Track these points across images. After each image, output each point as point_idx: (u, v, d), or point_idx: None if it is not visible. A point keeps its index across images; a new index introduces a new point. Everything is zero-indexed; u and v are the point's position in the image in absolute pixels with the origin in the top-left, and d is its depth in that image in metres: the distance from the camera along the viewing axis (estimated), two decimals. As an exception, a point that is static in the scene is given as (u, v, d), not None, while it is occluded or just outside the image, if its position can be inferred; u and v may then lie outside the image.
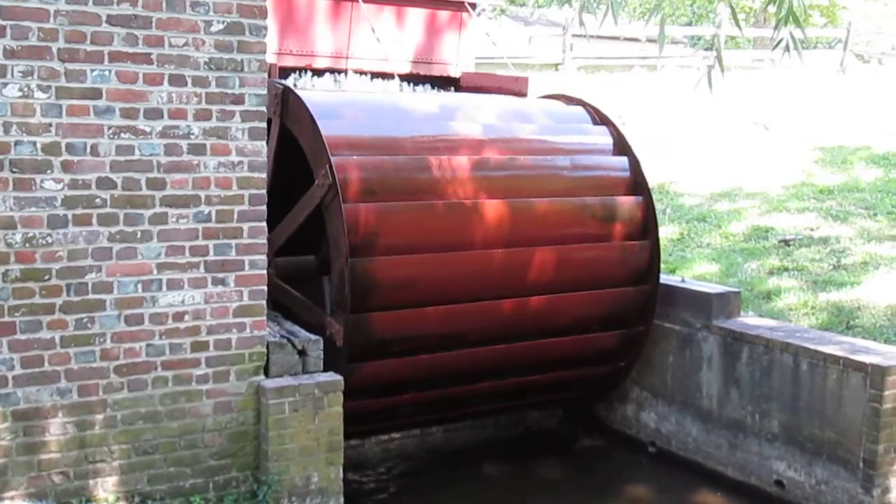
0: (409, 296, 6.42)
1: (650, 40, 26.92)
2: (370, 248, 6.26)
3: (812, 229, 9.44)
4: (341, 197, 6.07)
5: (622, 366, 7.69)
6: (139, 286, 5.16)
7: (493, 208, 6.77)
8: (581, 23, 5.20)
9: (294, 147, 6.52)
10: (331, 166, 6.09)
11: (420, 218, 6.54)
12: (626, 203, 7.43)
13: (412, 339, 6.60)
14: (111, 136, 4.99)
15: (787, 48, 5.37)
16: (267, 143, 5.51)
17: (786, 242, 9.10)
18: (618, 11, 5.00)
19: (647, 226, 7.43)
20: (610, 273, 7.28)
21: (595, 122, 7.86)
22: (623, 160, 7.58)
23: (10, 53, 4.72)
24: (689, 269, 8.67)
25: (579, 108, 8.01)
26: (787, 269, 8.47)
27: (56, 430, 5.04)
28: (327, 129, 6.29)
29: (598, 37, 26.01)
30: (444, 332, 6.67)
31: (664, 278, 7.67)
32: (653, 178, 10.43)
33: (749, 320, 7.30)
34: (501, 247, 6.77)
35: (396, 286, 6.37)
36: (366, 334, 6.26)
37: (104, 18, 4.91)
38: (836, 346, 6.56)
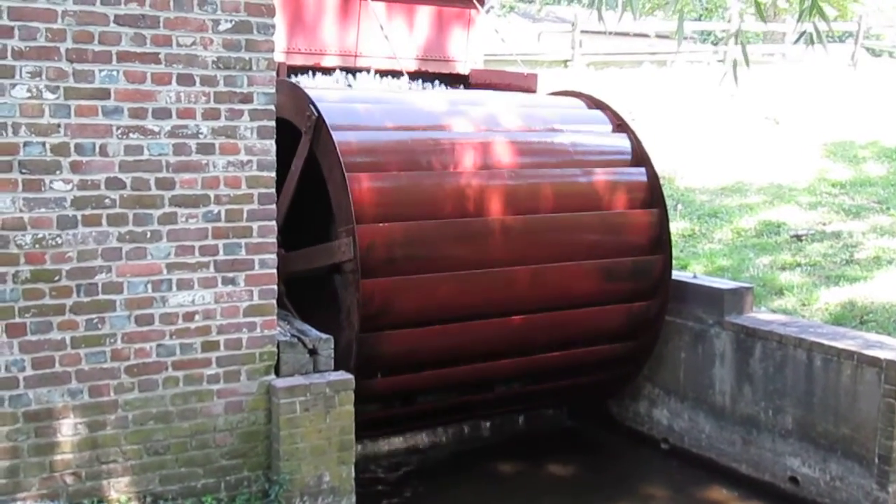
0: (423, 313, 6.40)
1: (659, 36, 26.85)
2: (384, 269, 6.20)
3: (824, 224, 9.38)
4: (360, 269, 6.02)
5: (627, 372, 7.70)
6: (149, 286, 5.16)
7: (506, 223, 6.70)
8: (600, 18, 5.15)
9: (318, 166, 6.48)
10: (355, 241, 6.03)
11: (423, 184, 6.47)
12: (641, 215, 7.35)
13: (427, 352, 6.60)
14: (120, 136, 4.99)
15: (810, 41, 5.31)
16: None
17: (797, 237, 9.05)
18: (636, 7, 4.95)
19: (660, 239, 7.37)
20: (623, 287, 7.22)
21: (615, 129, 7.72)
22: (640, 170, 7.47)
23: (19, 54, 4.72)
24: (701, 265, 8.62)
25: (599, 113, 7.85)
26: (799, 265, 8.43)
27: (67, 430, 5.04)
28: (355, 182, 6.17)
29: (608, 33, 25.96)
30: (457, 346, 6.68)
31: (676, 274, 7.62)
32: (663, 174, 10.40)
33: (762, 316, 7.26)
34: (515, 261, 6.68)
35: (410, 308, 6.34)
36: (378, 349, 6.27)
37: (112, 18, 4.90)
38: (849, 341, 6.51)
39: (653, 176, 7.46)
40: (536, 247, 6.79)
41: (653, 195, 7.42)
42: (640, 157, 7.52)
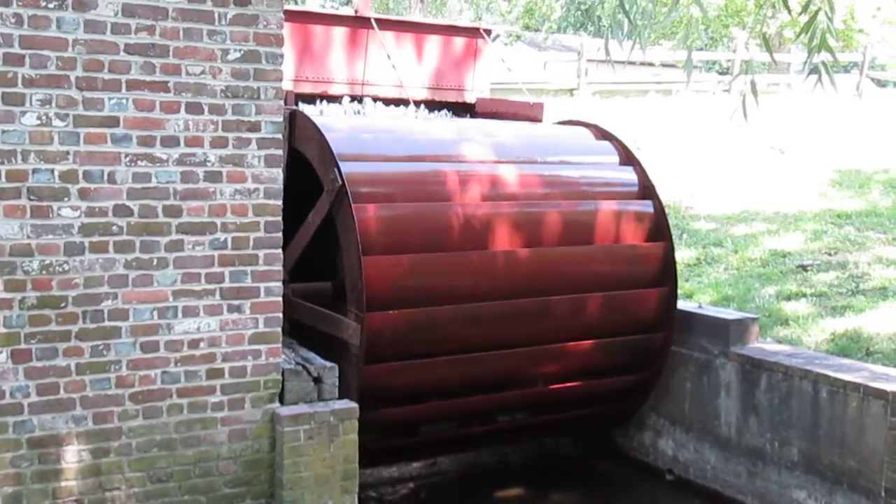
0: (424, 345, 6.38)
1: (665, 65, 26.98)
2: (385, 299, 6.17)
3: (830, 254, 9.37)
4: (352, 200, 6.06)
5: (631, 405, 7.68)
6: (155, 313, 5.17)
7: (511, 255, 6.71)
8: (607, 53, 5.19)
9: (299, 162, 6.50)
10: (339, 169, 6.08)
11: (441, 266, 6.48)
12: (647, 249, 7.36)
13: (427, 383, 6.59)
14: (128, 163, 5.02)
15: (817, 73, 5.33)
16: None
17: (803, 267, 9.03)
18: (644, 41, 4.99)
19: (665, 272, 7.36)
20: (626, 320, 7.21)
21: (622, 161, 7.72)
22: (647, 203, 7.47)
23: (29, 82, 4.76)
24: (706, 295, 8.61)
25: (606, 144, 7.85)
26: (804, 295, 8.41)
27: (71, 457, 5.03)
28: (347, 167, 6.25)
29: (614, 61, 26.14)
30: (461, 378, 6.66)
31: (681, 304, 7.61)
32: (668, 202, 10.42)
33: (767, 347, 7.24)
34: (520, 294, 6.67)
35: (413, 335, 6.34)
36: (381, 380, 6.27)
37: (122, 47, 4.95)
38: (855, 372, 6.48)
39: (659, 208, 7.47)
40: (542, 279, 6.78)
41: (659, 228, 7.42)
42: (646, 189, 7.53)
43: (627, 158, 7.74)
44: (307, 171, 6.47)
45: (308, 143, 6.49)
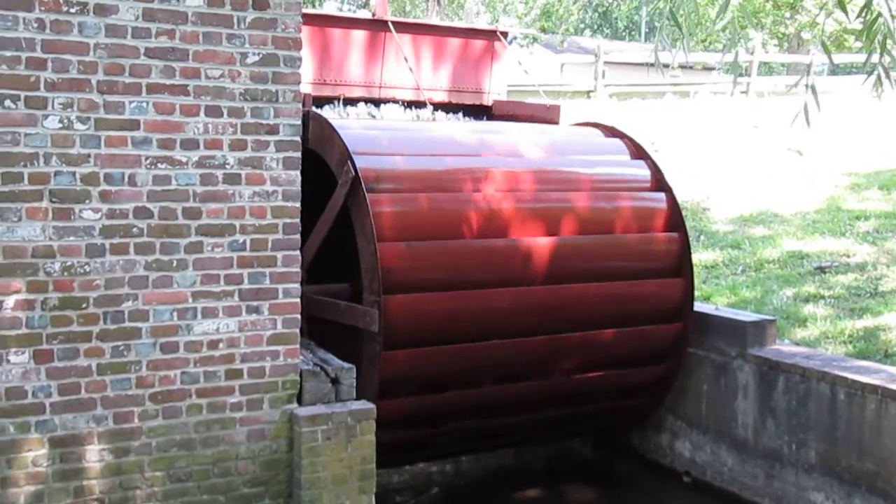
0: (443, 333, 6.41)
1: (682, 67, 26.85)
2: (402, 285, 6.24)
3: (848, 255, 9.33)
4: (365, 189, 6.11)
5: (651, 400, 7.65)
6: (175, 314, 5.22)
7: (528, 245, 6.77)
8: (657, 60, 5.19)
9: (310, 158, 6.54)
10: (352, 162, 6.14)
11: (455, 255, 6.54)
12: (662, 240, 7.40)
13: (445, 374, 6.60)
14: (148, 166, 5.07)
15: (878, 78, 5.29)
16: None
17: (821, 269, 9.00)
18: (688, 48, 4.99)
19: (682, 263, 7.39)
20: (643, 311, 7.24)
21: (633, 156, 7.80)
22: (660, 195, 7.53)
23: (51, 86, 4.82)
24: (724, 296, 8.60)
25: (617, 141, 7.96)
26: (822, 297, 8.38)
27: (92, 456, 5.08)
28: (362, 161, 6.33)
29: (631, 63, 26.02)
30: (476, 368, 6.68)
31: (698, 306, 7.62)
32: (686, 204, 10.40)
33: (785, 349, 7.22)
34: (536, 284, 6.75)
35: (431, 323, 6.37)
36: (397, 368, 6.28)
37: (142, 51, 5.00)
38: (873, 375, 6.47)
39: (672, 200, 7.53)
40: (558, 268, 6.82)
41: (673, 219, 7.48)
42: (659, 182, 7.60)
43: (638, 153, 7.80)
44: (322, 172, 6.50)
45: (323, 143, 6.52)
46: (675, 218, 7.48)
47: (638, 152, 7.82)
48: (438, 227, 6.52)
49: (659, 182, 7.60)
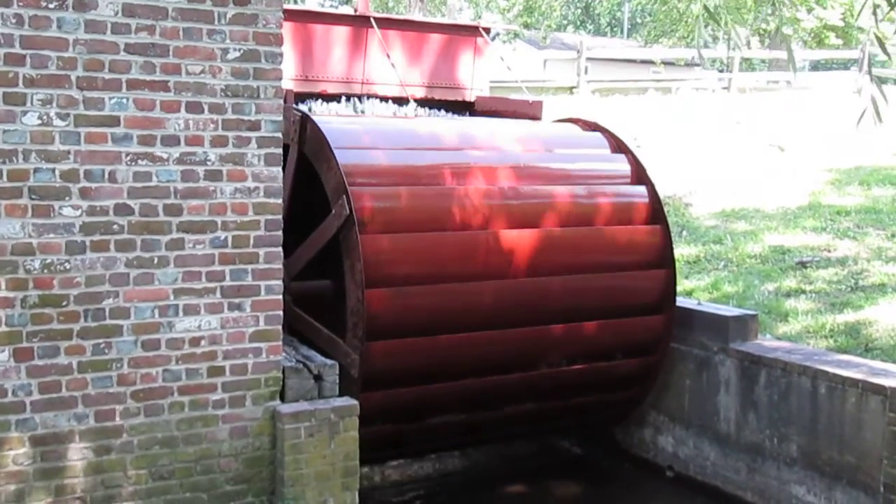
0: (424, 325, 6.41)
1: (665, 63, 26.96)
2: (385, 280, 6.25)
3: (829, 250, 9.39)
4: (358, 230, 6.08)
5: (636, 394, 7.66)
6: (156, 312, 5.20)
7: (509, 238, 6.78)
8: (701, 57, 5.19)
9: (311, 172, 6.55)
10: (348, 198, 6.12)
11: (436, 248, 6.55)
12: (644, 232, 7.43)
13: (428, 367, 6.60)
14: (129, 162, 5.04)
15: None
16: (284, 167, 5.52)
17: (802, 264, 9.05)
18: (731, 43, 4.96)
19: (664, 255, 7.42)
20: (626, 302, 7.26)
21: (613, 150, 7.84)
22: (641, 189, 7.57)
23: (30, 82, 4.78)
24: (706, 291, 8.63)
25: (597, 135, 8.00)
26: (803, 291, 8.43)
27: (73, 455, 5.05)
28: (344, 158, 6.32)
29: (613, 60, 26.04)
30: (459, 361, 6.68)
31: (680, 301, 7.64)
32: (668, 200, 10.43)
33: (766, 343, 7.26)
34: (518, 276, 6.76)
35: (412, 316, 6.37)
36: (379, 362, 6.27)
37: (122, 47, 4.97)
38: (854, 368, 6.51)
39: (653, 193, 7.56)
40: (540, 260, 6.84)
41: (654, 212, 7.52)
42: (639, 175, 7.64)
43: (619, 147, 7.84)
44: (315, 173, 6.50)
45: (319, 160, 6.44)
46: (656, 211, 7.52)
47: (618, 146, 7.85)
48: (419, 217, 6.52)
49: (639, 175, 7.63)
